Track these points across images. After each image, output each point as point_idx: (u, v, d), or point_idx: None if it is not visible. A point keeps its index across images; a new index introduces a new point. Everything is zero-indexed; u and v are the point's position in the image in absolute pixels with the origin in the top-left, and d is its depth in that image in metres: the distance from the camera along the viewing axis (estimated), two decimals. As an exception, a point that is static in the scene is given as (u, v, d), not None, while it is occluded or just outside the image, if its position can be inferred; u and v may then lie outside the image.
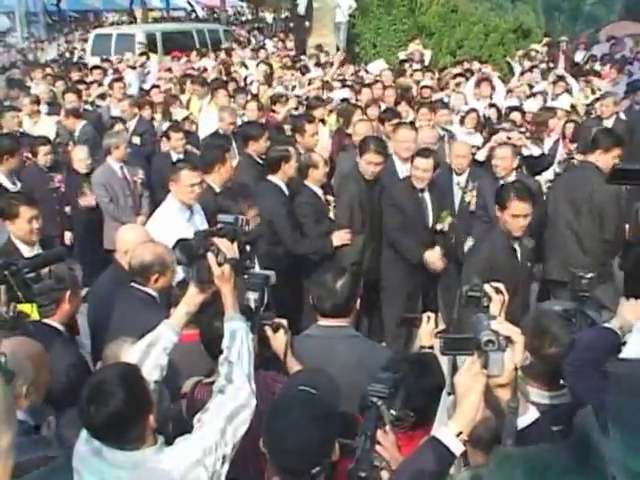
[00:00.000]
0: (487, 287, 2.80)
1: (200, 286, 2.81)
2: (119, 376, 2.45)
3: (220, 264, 2.73)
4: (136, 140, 8.81)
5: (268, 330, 3.31)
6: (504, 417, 1.99)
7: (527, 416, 2.07)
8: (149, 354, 2.73)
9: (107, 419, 2.35)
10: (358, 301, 3.60)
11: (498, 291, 2.55)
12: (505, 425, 1.98)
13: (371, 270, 6.19)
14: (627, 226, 5.25)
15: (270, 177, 6.06)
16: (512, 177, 6.38)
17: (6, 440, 1.82)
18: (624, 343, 2.62)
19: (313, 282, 3.62)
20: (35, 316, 2.77)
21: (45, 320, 3.59)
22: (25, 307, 2.75)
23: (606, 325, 2.73)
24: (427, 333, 3.48)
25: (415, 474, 2.01)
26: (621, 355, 1.96)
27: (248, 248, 2.94)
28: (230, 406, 2.54)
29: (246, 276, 3.30)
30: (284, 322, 3.38)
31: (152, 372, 2.70)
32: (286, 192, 6.06)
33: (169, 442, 2.51)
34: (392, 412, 2.48)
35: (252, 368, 2.70)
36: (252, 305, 3.12)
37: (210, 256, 2.73)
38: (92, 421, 2.38)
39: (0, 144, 6.54)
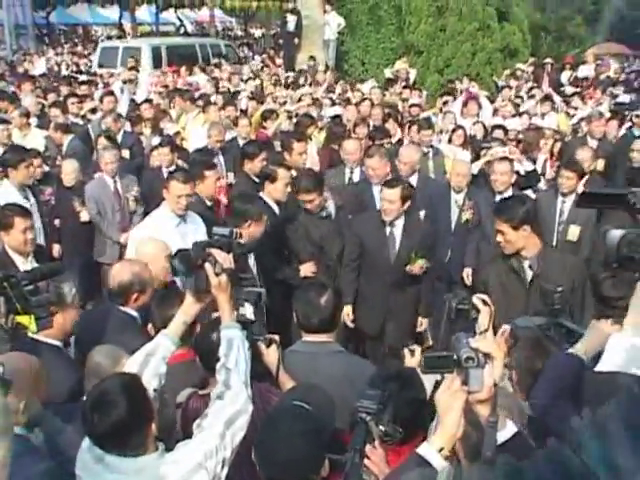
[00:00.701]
0: (475, 299, 2.85)
1: (197, 296, 2.90)
2: (121, 385, 2.50)
3: (217, 274, 2.83)
4: (125, 154, 8.81)
5: (261, 345, 3.34)
6: (484, 432, 2.04)
7: (506, 430, 2.13)
8: (148, 363, 2.80)
9: (110, 428, 2.40)
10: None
11: (485, 303, 2.57)
12: (485, 440, 2.03)
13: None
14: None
15: (261, 194, 6.05)
16: (509, 192, 6.46)
17: (2, 451, 1.85)
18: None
19: (297, 300, 3.64)
20: (33, 328, 2.79)
21: (42, 338, 3.58)
22: (23, 319, 2.77)
23: (570, 351, 2.73)
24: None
25: None
26: (596, 369, 2.00)
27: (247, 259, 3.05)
28: (229, 411, 2.61)
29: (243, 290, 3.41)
30: (276, 337, 3.42)
31: (151, 381, 2.75)
32: (275, 210, 5.99)
33: (169, 449, 2.56)
34: (381, 428, 2.50)
35: (249, 375, 2.77)
36: (248, 317, 3.22)
37: (208, 266, 2.83)
38: (95, 430, 2.43)
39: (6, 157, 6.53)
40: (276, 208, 6.00)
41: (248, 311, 3.68)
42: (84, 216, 7.18)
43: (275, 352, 3.36)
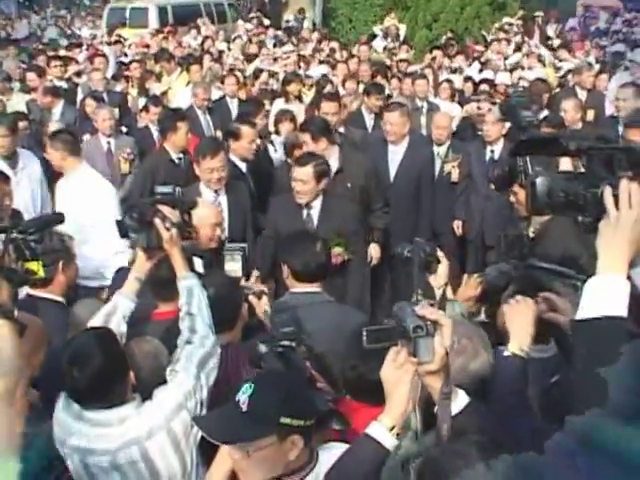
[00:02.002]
0: (440, 253, 3.04)
1: (148, 253, 2.96)
2: (96, 338, 2.57)
3: (168, 229, 2.89)
4: (115, 112, 8.66)
5: (252, 298, 3.38)
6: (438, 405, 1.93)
7: (459, 401, 1.98)
8: (109, 323, 2.85)
9: (91, 379, 2.44)
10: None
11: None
12: (439, 411, 1.92)
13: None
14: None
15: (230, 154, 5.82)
16: (500, 143, 6.44)
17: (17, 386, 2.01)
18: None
19: (290, 250, 3.64)
20: (41, 274, 2.87)
21: (44, 294, 3.59)
22: (32, 265, 2.83)
23: (505, 354, 2.45)
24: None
25: (350, 473, 1.94)
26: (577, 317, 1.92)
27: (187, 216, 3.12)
28: (199, 354, 2.67)
29: (225, 250, 3.46)
30: (265, 289, 3.46)
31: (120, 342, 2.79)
32: (242, 169, 5.80)
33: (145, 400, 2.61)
34: None
35: (211, 320, 2.84)
36: (236, 275, 3.34)
37: (158, 222, 2.89)
38: (76, 384, 2.47)
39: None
40: (243, 166, 5.81)
41: (235, 267, 3.74)
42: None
43: (267, 304, 3.40)
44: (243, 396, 2.06)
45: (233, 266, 3.80)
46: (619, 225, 1.76)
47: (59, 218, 3.22)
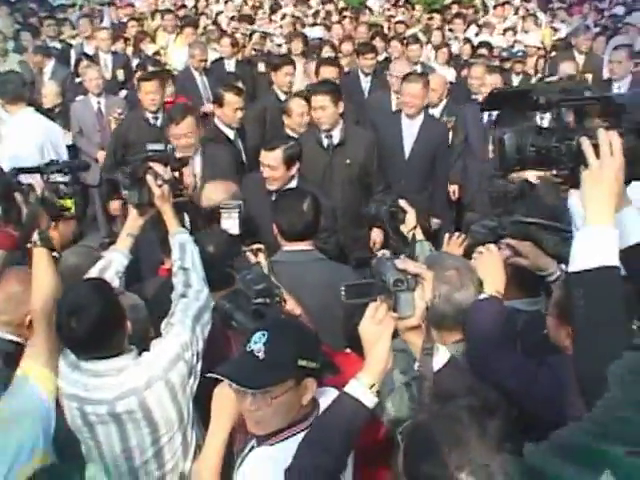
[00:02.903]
0: (402, 202, 3.14)
1: (140, 209, 3.00)
2: (93, 288, 2.59)
3: (159, 185, 2.94)
4: (121, 74, 8.68)
5: (249, 255, 3.38)
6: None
7: (440, 357, 1.96)
8: (103, 277, 2.87)
9: (89, 329, 2.46)
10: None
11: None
12: (421, 366, 1.91)
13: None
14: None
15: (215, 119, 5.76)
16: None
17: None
18: None
19: (278, 208, 3.63)
20: (73, 211, 3.09)
21: None
22: (66, 202, 3.03)
23: (482, 297, 2.53)
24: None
25: (330, 432, 1.88)
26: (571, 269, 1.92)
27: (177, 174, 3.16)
28: (194, 307, 2.72)
29: (222, 207, 3.47)
30: (261, 246, 3.45)
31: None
32: (229, 136, 5.63)
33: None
34: None
35: (204, 274, 2.88)
36: (233, 232, 3.38)
37: (149, 178, 2.94)
38: (74, 334, 2.48)
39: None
40: (230, 133, 5.62)
41: (232, 224, 3.75)
42: (67, 138, 7.11)
43: (263, 260, 3.38)
44: (257, 345, 2.05)
45: (230, 223, 3.81)
46: (603, 175, 1.76)
47: (86, 165, 3.42)
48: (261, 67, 8.86)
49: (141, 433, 2.58)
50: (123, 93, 8.19)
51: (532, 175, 3.29)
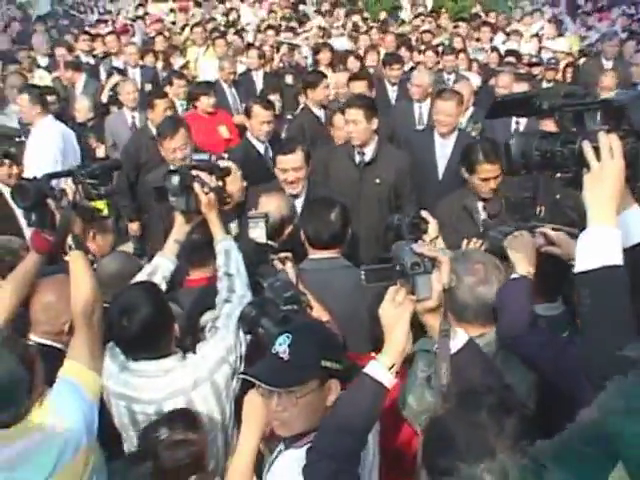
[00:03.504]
0: (423, 213, 3.24)
1: (186, 216, 3.08)
2: (143, 290, 2.75)
3: (206, 193, 3.01)
4: (149, 88, 8.73)
5: (277, 263, 3.42)
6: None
7: (458, 340, 2.01)
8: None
9: (140, 328, 2.61)
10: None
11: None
12: (439, 349, 1.96)
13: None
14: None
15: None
16: None
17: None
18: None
19: (306, 216, 3.70)
20: (106, 212, 3.30)
21: None
22: (98, 204, 3.18)
23: (514, 276, 2.60)
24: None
25: (351, 412, 1.93)
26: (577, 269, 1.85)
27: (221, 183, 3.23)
28: (238, 312, 2.76)
29: (249, 218, 3.56)
30: (289, 254, 3.50)
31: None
32: (259, 150, 5.62)
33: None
34: None
35: (248, 280, 2.96)
36: (260, 241, 3.44)
37: (197, 186, 3.01)
38: (126, 333, 2.63)
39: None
40: (261, 147, 5.63)
41: (259, 233, 3.83)
42: (100, 152, 7.26)
43: (291, 268, 3.42)
44: (282, 347, 2.11)
45: (257, 233, 3.89)
46: (604, 177, 1.81)
47: (118, 164, 3.47)
48: (289, 79, 8.98)
49: None
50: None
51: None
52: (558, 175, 1.93)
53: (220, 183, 3.22)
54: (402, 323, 1.93)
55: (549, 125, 6.20)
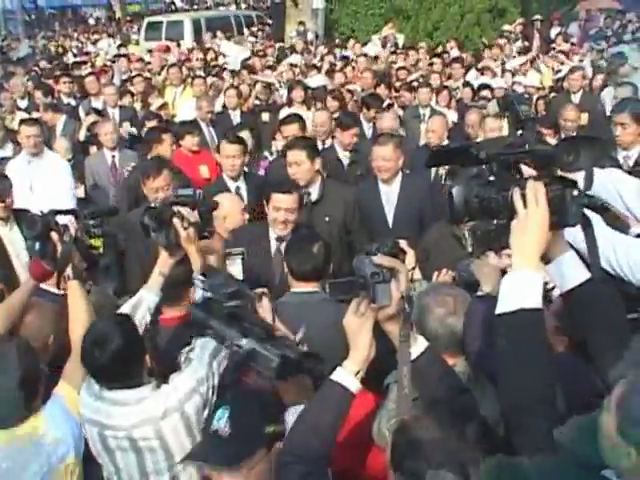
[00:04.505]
0: (402, 242, 3.14)
1: (169, 250, 3.14)
2: (116, 323, 2.83)
3: (185, 228, 3.10)
4: (129, 128, 8.82)
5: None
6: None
7: (418, 346, 2.11)
8: (135, 314, 3.06)
9: (110, 359, 2.68)
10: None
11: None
12: (399, 354, 2.05)
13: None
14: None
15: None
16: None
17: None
18: None
19: (289, 249, 3.75)
20: (101, 250, 3.43)
21: None
22: (96, 242, 3.38)
23: (479, 294, 2.79)
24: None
25: (319, 416, 2.05)
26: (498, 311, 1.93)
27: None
28: (212, 345, 2.86)
29: (226, 254, 3.63)
30: (266, 290, 3.57)
31: (139, 328, 3.01)
32: (231, 189, 5.60)
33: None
34: None
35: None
36: (238, 277, 3.51)
37: (176, 221, 3.10)
38: (97, 362, 2.72)
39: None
40: (232, 185, 5.64)
41: (236, 270, 3.90)
42: (79, 192, 7.29)
43: (267, 304, 3.50)
44: (221, 422, 2.14)
45: (234, 269, 3.96)
46: (528, 223, 1.88)
47: (115, 211, 3.77)
48: (265, 117, 9.10)
49: (157, 459, 2.76)
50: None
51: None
52: (494, 222, 1.99)
53: (207, 216, 3.33)
54: (365, 332, 2.05)
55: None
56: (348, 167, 6.55)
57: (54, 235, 3.23)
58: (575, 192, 1.92)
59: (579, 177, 2.35)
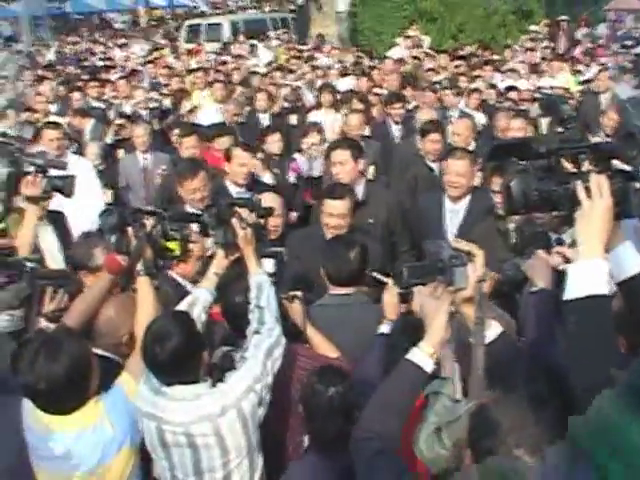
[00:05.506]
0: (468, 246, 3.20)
1: (226, 249, 3.28)
2: (175, 319, 2.89)
3: (244, 228, 3.21)
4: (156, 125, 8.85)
5: (285, 303, 3.50)
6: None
7: (492, 331, 2.22)
8: (191, 313, 3.14)
9: (170, 355, 2.74)
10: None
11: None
12: (474, 337, 2.15)
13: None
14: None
15: None
16: None
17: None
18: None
19: (326, 254, 3.76)
20: (177, 253, 3.53)
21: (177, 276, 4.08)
22: (172, 245, 3.46)
23: (532, 290, 2.89)
24: (390, 305, 3.47)
25: (392, 394, 2.15)
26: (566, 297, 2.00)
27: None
28: (266, 343, 2.94)
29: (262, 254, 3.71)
30: (299, 293, 3.59)
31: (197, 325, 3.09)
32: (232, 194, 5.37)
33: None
34: None
35: (278, 314, 3.12)
36: (270, 271, 3.56)
37: (235, 221, 3.23)
38: (157, 359, 2.78)
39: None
40: (234, 191, 5.40)
41: (269, 266, 3.92)
42: (107, 198, 7.35)
43: (299, 307, 3.52)
44: None
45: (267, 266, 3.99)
46: (593, 214, 1.97)
47: (198, 218, 3.75)
48: (293, 119, 9.12)
49: (212, 456, 2.80)
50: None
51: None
52: (554, 214, 2.07)
53: (262, 221, 3.45)
54: (442, 314, 2.16)
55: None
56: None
57: (130, 230, 3.30)
58: (637, 185, 2.02)
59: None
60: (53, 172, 4.22)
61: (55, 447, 2.80)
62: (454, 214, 5.12)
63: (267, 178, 6.45)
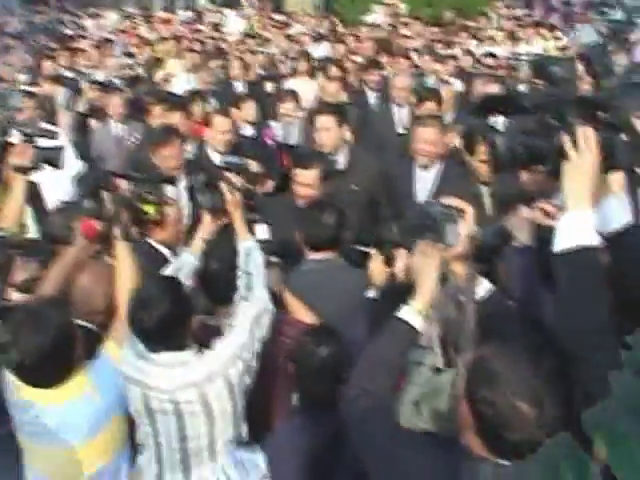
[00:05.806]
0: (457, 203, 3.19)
1: (214, 214, 3.23)
2: (163, 284, 2.82)
3: (232, 193, 3.16)
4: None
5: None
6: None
7: (482, 287, 2.23)
8: (179, 277, 3.08)
9: (158, 322, 2.66)
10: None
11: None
12: (465, 293, 2.15)
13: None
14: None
15: None
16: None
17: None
18: None
19: (302, 219, 3.70)
20: (154, 216, 3.49)
21: (155, 243, 3.89)
22: (149, 208, 3.43)
23: (515, 245, 2.85)
24: (376, 271, 3.44)
25: (382, 352, 2.14)
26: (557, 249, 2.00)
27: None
28: (254, 310, 2.90)
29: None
30: (277, 260, 3.55)
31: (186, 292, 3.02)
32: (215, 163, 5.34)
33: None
34: None
35: (265, 280, 3.07)
36: (263, 237, 3.53)
37: (223, 185, 3.17)
38: (144, 326, 2.69)
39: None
40: (217, 159, 5.25)
41: (262, 232, 3.85)
42: (80, 168, 7.22)
43: (277, 273, 3.48)
44: None
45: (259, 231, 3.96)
46: (580, 165, 1.96)
47: (172, 180, 3.76)
48: (268, 87, 9.00)
49: (198, 423, 2.75)
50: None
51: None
52: (540, 168, 2.09)
53: (251, 186, 3.44)
54: (432, 272, 2.15)
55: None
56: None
57: (104, 194, 3.20)
58: (623, 137, 2.01)
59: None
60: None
61: (46, 421, 2.74)
62: (424, 182, 5.00)
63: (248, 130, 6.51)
